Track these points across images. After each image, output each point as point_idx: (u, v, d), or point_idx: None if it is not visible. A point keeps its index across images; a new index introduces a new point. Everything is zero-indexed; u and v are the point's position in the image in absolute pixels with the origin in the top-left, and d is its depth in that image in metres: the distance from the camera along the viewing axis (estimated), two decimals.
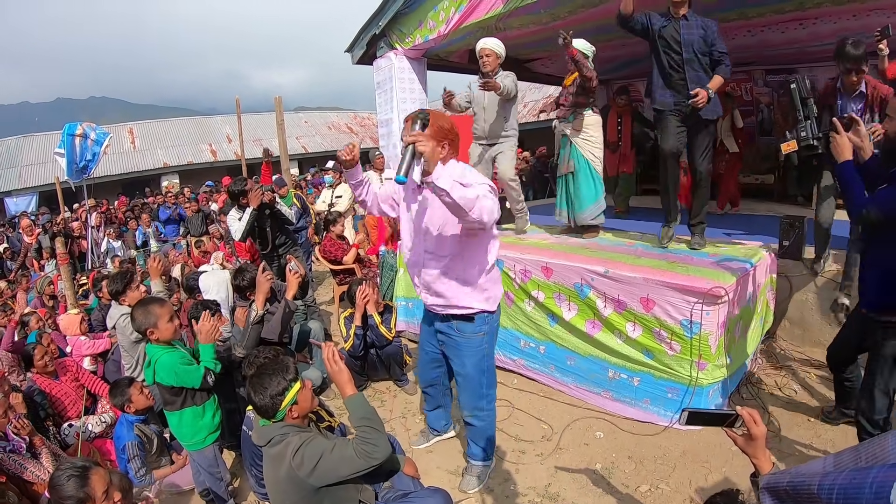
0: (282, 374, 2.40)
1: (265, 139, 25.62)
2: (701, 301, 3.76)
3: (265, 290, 3.95)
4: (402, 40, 7.96)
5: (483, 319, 3.07)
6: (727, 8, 6.67)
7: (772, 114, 10.70)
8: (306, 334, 5.05)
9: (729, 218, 7.07)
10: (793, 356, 4.73)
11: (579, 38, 5.33)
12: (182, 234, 12.31)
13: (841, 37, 4.24)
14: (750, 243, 5.14)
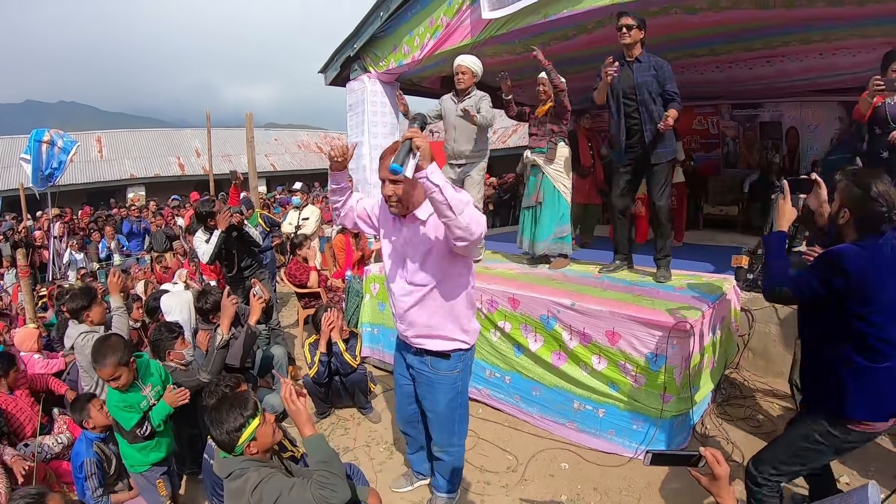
0: (240, 410, 2.34)
1: (234, 155, 25.41)
2: (667, 335, 3.79)
3: (230, 314, 3.89)
4: (375, 64, 7.97)
5: (459, 357, 2.98)
6: (698, 45, 6.81)
7: (737, 147, 10.94)
8: (269, 359, 4.97)
9: (694, 249, 7.15)
10: (756, 387, 4.80)
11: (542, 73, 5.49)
12: (146, 248, 12.10)
13: None
14: (714, 276, 5.20)
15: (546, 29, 6.18)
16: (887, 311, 2.34)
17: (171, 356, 3.92)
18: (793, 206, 2.78)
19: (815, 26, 6.04)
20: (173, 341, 3.95)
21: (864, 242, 2.40)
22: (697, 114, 11.19)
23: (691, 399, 3.91)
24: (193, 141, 26.87)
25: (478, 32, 6.46)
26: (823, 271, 2.40)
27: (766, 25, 6.07)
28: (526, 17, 5.93)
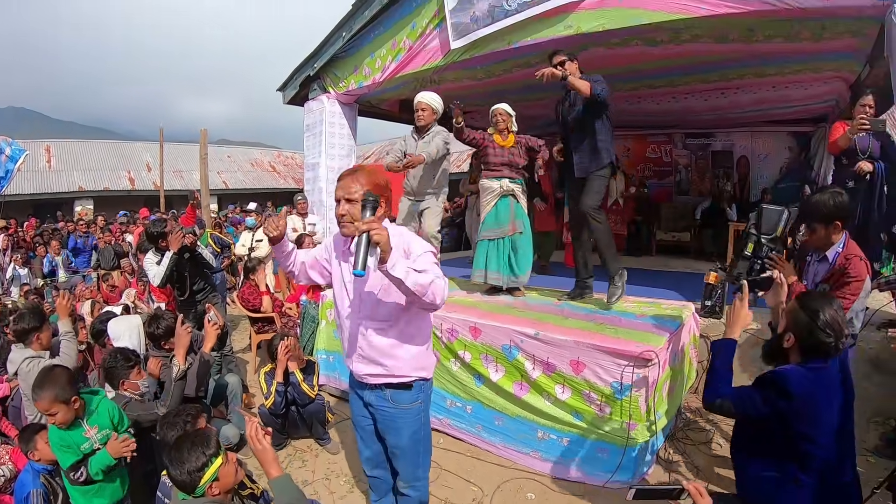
0: (202, 448, 2.23)
1: (186, 171, 24.91)
2: (632, 364, 3.78)
3: (185, 343, 3.74)
4: (335, 84, 7.93)
5: (420, 387, 2.86)
6: (657, 76, 6.95)
7: (689, 175, 11.20)
8: (223, 388, 4.79)
9: (649, 275, 7.24)
10: None
11: (502, 103, 5.52)
12: (93, 265, 11.67)
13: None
14: (673, 303, 5.25)
15: (509, 56, 6.23)
16: (833, 433, 2.36)
17: (125, 386, 3.73)
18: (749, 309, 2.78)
19: (771, 60, 6.23)
20: (129, 370, 3.74)
21: (810, 365, 2.39)
22: (651, 142, 11.47)
23: (655, 426, 3.90)
24: (145, 155, 26.17)
25: (440, 57, 6.49)
26: (768, 392, 2.38)
27: (724, 59, 6.24)
28: (490, 44, 5.98)
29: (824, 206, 3.11)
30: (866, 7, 4.45)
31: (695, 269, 7.83)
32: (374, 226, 2.18)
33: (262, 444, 2.24)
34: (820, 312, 2.35)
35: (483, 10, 5.89)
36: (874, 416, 4.44)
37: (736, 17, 4.81)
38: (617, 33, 5.38)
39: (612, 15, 5.20)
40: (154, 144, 20.78)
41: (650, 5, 5.01)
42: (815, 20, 4.93)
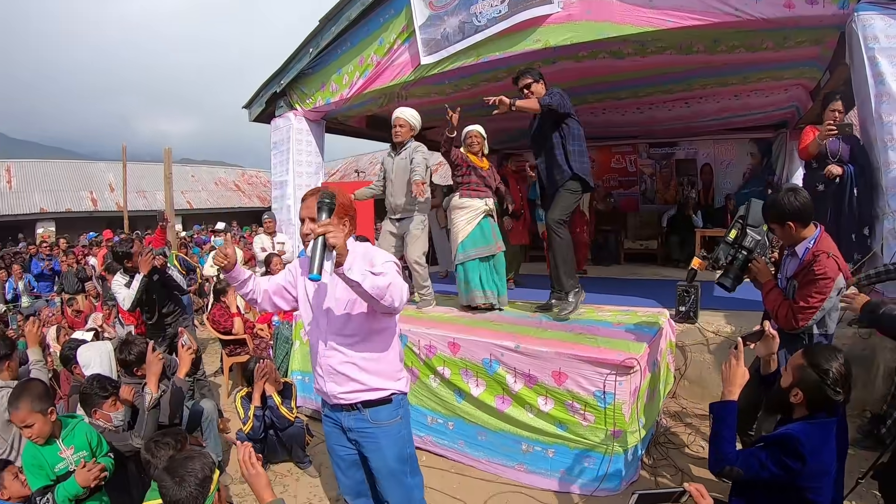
0: (201, 460, 2.19)
1: (149, 191, 24.53)
2: (614, 372, 3.80)
3: (157, 371, 3.64)
4: (302, 101, 7.90)
5: (398, 401, 2.74)
6: (622, 87, 7.07)
7: (654, 183, 11.37)
8: (198, 414, 4.64)
9: (619, 284, 7.32)
10: (694, 413, 4.88)
11: (476, 125, 5.59)
12: (56, 290, 11.35)
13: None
14: (648, 310, 5.31)
15: (477, 70, 6.30)
16: (832, 480, 2.37)
17: (97, 416, 3.61)
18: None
19: (733, 70, 6.39)
20: (104, 400, 3.63)
21: (818, 421, 2.37)
22: (616, 153, 11.65)
23: (639, 432, 3.93)
24: (107, 175, 25.65)
25: (409, 72, 6.51)
26: (777, 455, 2.34)
27: (688, 69, 6.38)
28: (459, 59, 6.04)
29: (776, 207, 3.12)
30: (827, 16, 4.63)
31: (664, 276, 7.95)
32: (329, 228, 2.12)
33: (256, 468, 2.19)
34: (830, 371, 2.32)
35: (454, 26, 5.94)
36: (849, 409, 4.53)
37: (701, 28, 4.94)
38: (585, 46, 5.47)
39: (580, 28, 5.29)
40: (117, 164, 20.36)
41: (618, 18, 5.11)
42: (778, 30, 5.09)
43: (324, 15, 7.12)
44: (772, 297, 3.26)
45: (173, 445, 2.96)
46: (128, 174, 10.34)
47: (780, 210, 3.10)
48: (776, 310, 3.19)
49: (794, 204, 3.05)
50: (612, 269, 9.18)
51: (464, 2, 5.89)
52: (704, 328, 5.06)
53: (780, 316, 3.16)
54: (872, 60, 4.43)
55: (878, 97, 4.45)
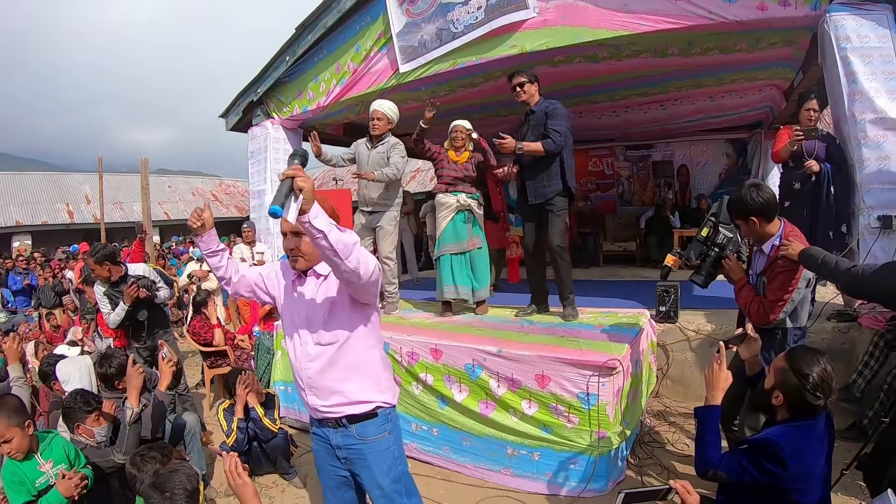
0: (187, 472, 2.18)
1: (126, 202, 24.23)
2: (597, 374, 3.83)
3: (137, 385, 3.59)
4: (279, 109, 7.87)
5: (385, 415, 2.55)
6: (598, 91, 7.12)
7: (631, 185, 11.47)
8: (181, 428, 4.58)
9: (600, 285, 7.37)
10: (677, 412, 4.94)
11: (462, 120, 5.59)
12: (34, 305, 11.18)
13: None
14: (629, 311, 5.35)
15: (454, 77, 6.32)
16: (819, 480, 2.39)
17: (79, 430, 3.56)
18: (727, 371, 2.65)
19: (708, 72, 6.47)
20: (87, 415, 3.57)
21: (799, 423, 2.38)
22: (592, 156, 11.75)
23: (624, 432, 3.96)
24: (83, 186, 25.27)
25: (385, 79, 6.53)
26: (760, 460, 2.35)
27: (663, 72, 6.45)
28: (436, 65, 6.06)
29: (739, 203, 3.14)
30: (799, 17, 4.73)
31: (643, 277, 8.04)
32: (299, 173, 1.98)
33: (243, 478, 2.16)
34: (811, 375, 2.32)
35: (431, 33, 5.97)
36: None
37: (676, 31, 5.01)
38: (561, 51, 5.52)
39: (555, 33, 5.34)
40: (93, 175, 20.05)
41: (593, 23, 5.16)
42: (751, 32, 5.17)
43: (300, 23, 7.11)
44: (743, 294, 3.30)
45: (160, 459, 2.92)
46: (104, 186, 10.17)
47: (743, 206, 3.12)
48: (748, 305, 3.23)
49: (758, 200, 3.07)
50: (591, 271, 9.25)
51: (441, 9, 5.92)
52: (685, 327, 5.12)
53: (752, 311, 3.19)
54: (845, 60, 4.53)
55: (850, 96, 4.55)
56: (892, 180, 4.48)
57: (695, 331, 5.08)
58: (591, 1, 5.20)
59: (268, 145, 7.99)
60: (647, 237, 9.92)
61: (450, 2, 5.86)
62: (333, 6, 6.72)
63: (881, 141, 4.49)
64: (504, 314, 5.59)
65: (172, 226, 25.17)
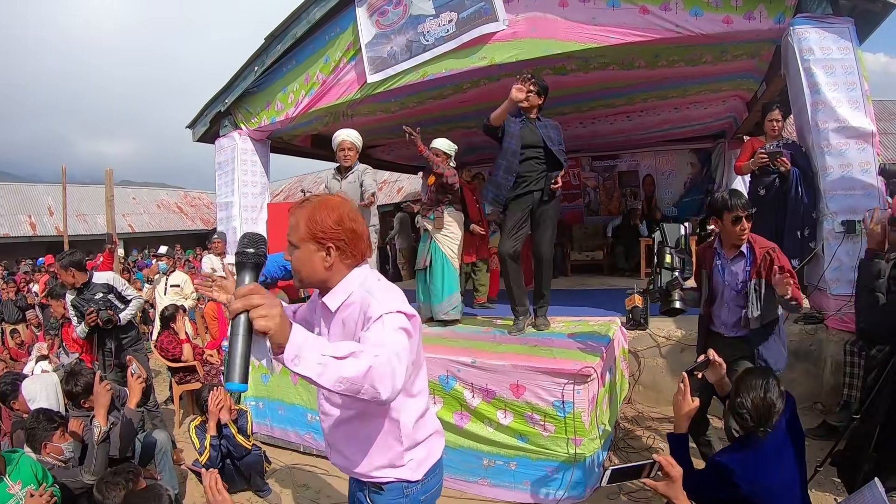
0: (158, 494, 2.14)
1: (90, 214, 23.68)
2: (572, 382, 3.85)
3: (105, 402, 3.51)
4: (247, 120, 7.80)
5: (396, 490, 2.02)
6: (565, 103, 7.22)
7: (598, 195, 11.61)
8: (151, 446, 4.47)
9: (568, 295, 7.42)
10: (650, 416, 5.00)
11: (442, 139, 5.62)
12: None
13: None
14: (599, 319, 5.42)
15: (424, 88, 6.34)
16: (787, 489, 2.43)
17: (47, 450, 3.46)
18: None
19: (674, 83, 6.59)
20: (52, 432, 3.48)
21: (749, 442, 2.44)
22: None
23: (600, 439, 4.00)
24: (46, 198, 24.52)
25: (355, 90, 6.51)
26: (715, 482, 2.41)
27: (630, 84, 6.55)
28: (406, 77, 6.07)
29: (722, 200, 3.30)
30: (764, 30, 4.88)
31: (611, 285, 8.15)
32: (255, 300, 1.41)
33: (223, 494, 2.14)
34: (741, 396, 2.38)
35: (401, 45, 6.00)
36: (801, 402, 4.68)
37: (643, 44, 5.11)
38: (529, 63, 5.58)
39: (525, 46, 5.42)
40: (56, 187, 19.57)
41: (562, 35, 5.24)
42: (716, 45, 5.31)
43: (269, 33, 7.09)
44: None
45: (124, 485, 2.85)
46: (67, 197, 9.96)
47: (722, 204, 3.28)
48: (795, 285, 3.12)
49: (736, 201, 3.24)
50: (559, 280, 9.28)
51: (411, 21, 5.96)
52: (656, 334, 5.20)
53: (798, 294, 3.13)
54: (808, 71, 4.68)
55: (814, 106, 4.70)
56: (854, 186, 4.63)
57: (665, 337, 5.16)
58: (560, 14, 5.30)
59: (235, 156, 7.91)
60: (614, 246, 10.05)
61: (421, 14, 5.91)
62: (303, 17, 6.71)
63: (844, 149, 4.64)
64: (476, 325, 5.61)
65: (137, 238, 24.70)
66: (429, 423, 2.11)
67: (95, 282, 5.35)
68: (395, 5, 6.07)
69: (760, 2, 4.82)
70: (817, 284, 4.87)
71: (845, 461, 3.12)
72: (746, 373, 2.58)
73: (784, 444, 2.45)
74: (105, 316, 5.16)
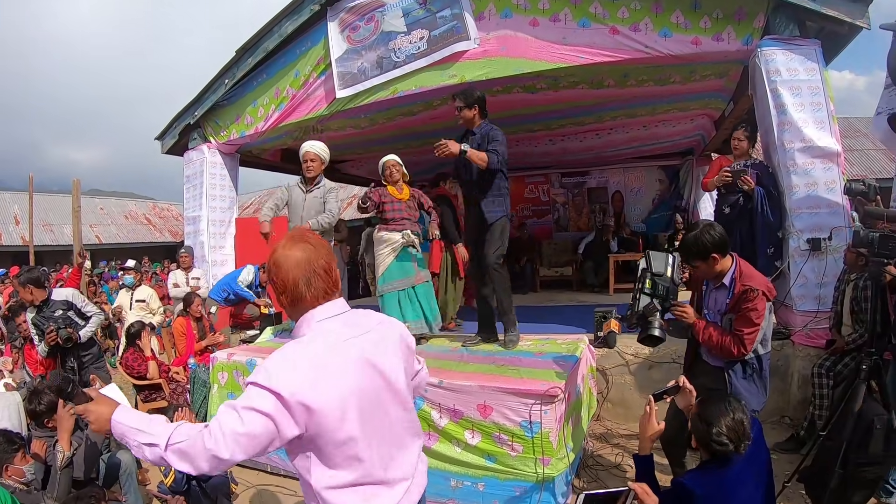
0: None
1: (56, 224, 23.09)
2: (539, 402, 3.83)
3: (69, 427, 3.43)
4: (216, 133, 7.73)
5: None
6: (535, 120, 7.25)
7: (567, 211, 11.70)
8: (115, 467, 4.36)
9: (538, 311, 7.44)
10: (619, 433, 5.01)
11: (391, 155, 5.53)
12: None
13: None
14: (566, 336, 5.41)
15: (393, 105, 6.35)
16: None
17: (8, 472, 3.36)
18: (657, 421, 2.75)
19: (643, 102, 6.67)
20: (13, 454, 3.38)
21: (712, 466, 2.48)
22: (529, 183, 11.96)
23: (568, 458, 3.98)
24: (12, 207, 23.69)
25: (325, 105, 6.48)
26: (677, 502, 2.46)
27: (599, 102, 6.63)
28: (375, 93, 6.06)
29: (697, 244, 3.22)
30: (732, 52, 4.99)
31: (580, 301, 8.17)
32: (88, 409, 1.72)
33: None
34: (715, 424, 2.39)
35: (371, 61, 5.99)
36: (769, 416, 4.80)
37: (612, 64, 5.16)
38: (499, 82, 5.62)
39: (495, 64, 5.45)
40: (22, 195, 19.06)
41: (532, 55, 5.28)
42: (685, 65, 5.39)
43: (241, 46, 7.04)
44: (711, 333, 3.28)
45: None
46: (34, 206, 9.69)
47: (703, 246, 3.19)
48: (720, 343, 3.21)
49: (715, 237, 3.18)
50: (528, 296, 9.32)
51: (382, 37, 5.97)
52: (623, 351, 5.21)
53: (727, 347, 3.19)
54: (775, 92, 4.77)
55: (780, 126, 4.79)
56: (819, 205, 4.72)
57: (633, 354, 5.18)
58: (531, 33, 5.36)
59: (204, 170, 7.82)
60: (583, 262, 10.08)
61: (392, 31, 5.92)
62: (275, 31, 6.69)
63: (809, 168, 4.72)
64: (441, 345, 5.56)
65: (104, 250, 24.16)
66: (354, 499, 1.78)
67: (55, 299, 5.26)
68: (366, 21, 6.08)
69: (729, 23, 4.91)
70: (783, 301, 4.93)
71: (813, 477, 3.16)
72: (703, 404, 2.59)
73: (747, 465, 2.47)
74: (64, 334, 5.08)
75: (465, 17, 5.54)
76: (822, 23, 4.74)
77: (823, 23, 4.73)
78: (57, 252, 20.48)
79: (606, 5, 5.15)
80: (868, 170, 19.24)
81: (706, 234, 3.20)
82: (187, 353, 6.62)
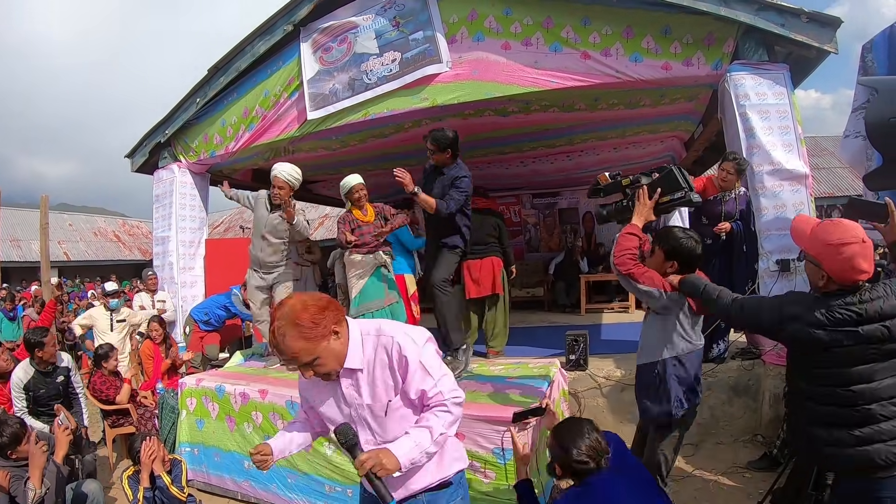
0: None
1: (24, 240, 22.56)
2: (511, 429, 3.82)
3: (41, 464, 3.34)
4: (186, 153, 7.61)
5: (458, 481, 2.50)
6: (506, 143, 7.29)
7: (538, 232, 11.76)
8: (83, 498, 4.27)
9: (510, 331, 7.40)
10: None
11: (353, 175, 5.60)
12: None
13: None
14: (538, 360, 5.41)
15: (365, 127, 6.34)
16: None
17: None
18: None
19: (613, 125, 6.75)
20: None
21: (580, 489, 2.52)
22: (500, 204, 11.91)
23: (541, 483, 3.94)
24: None
25: (296, 127, 6.43)
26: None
27: (570, 125, 6.69)
28: (347, 115, 6.04)
29: (675, 240, 3.19)
30: (702, 76, 5.06)
31: (551, 322, 8.24)
32: (367, 464, 1.92)
33: None
34: (572, 448, 2.47)
35: (343, 83, 5.98)
36: (741, 435, 4.86)
37: (583, 88, 5.20)
38: (471, 105, 5.64)
39: (466, 88, 5.47)
40: None
41: (503, 79, 5.31)
42: (655, 89, 5.46)
43: (213, 64, 6.97)
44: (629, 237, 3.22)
45: None
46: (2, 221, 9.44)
47: (676, 245, 3.18)
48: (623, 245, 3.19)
49: (688, 249, 3.17)
50: None
51: (354, 59, 5.97)
52: (595, 374, 5.22)
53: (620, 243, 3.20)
54: (744, 116, 4.83)
55: (749, 149, 4.85)
56: (788, 226, 4.73)
57: (605, 377, 5.19)
58: (502, 56, 5.39)
59: (174, 189, 7.67)
60: (554, 283, 10.14)
61: (365, 52, 5.92)
62: (248, 50, 6.64)
63: (778, 191, 4.78)
64: None
65: (72, 267, 23.72)
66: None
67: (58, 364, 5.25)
68: (339, 42, 6.07)
69: (699, 48, 4.98)
70: None
71: (786, 498, 3.17)
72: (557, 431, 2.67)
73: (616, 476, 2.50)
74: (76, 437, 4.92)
75: (437, 39, 5.57)
76: (791, 48, 4.82)
77: (792, 48, 4.82)
78: (24, 269, 19.97)
79: (578, 30, 5.20)
80: (835, 187, 19.68)
81: (689, 242, 3.18)
82: (155, 377, 6.48)
